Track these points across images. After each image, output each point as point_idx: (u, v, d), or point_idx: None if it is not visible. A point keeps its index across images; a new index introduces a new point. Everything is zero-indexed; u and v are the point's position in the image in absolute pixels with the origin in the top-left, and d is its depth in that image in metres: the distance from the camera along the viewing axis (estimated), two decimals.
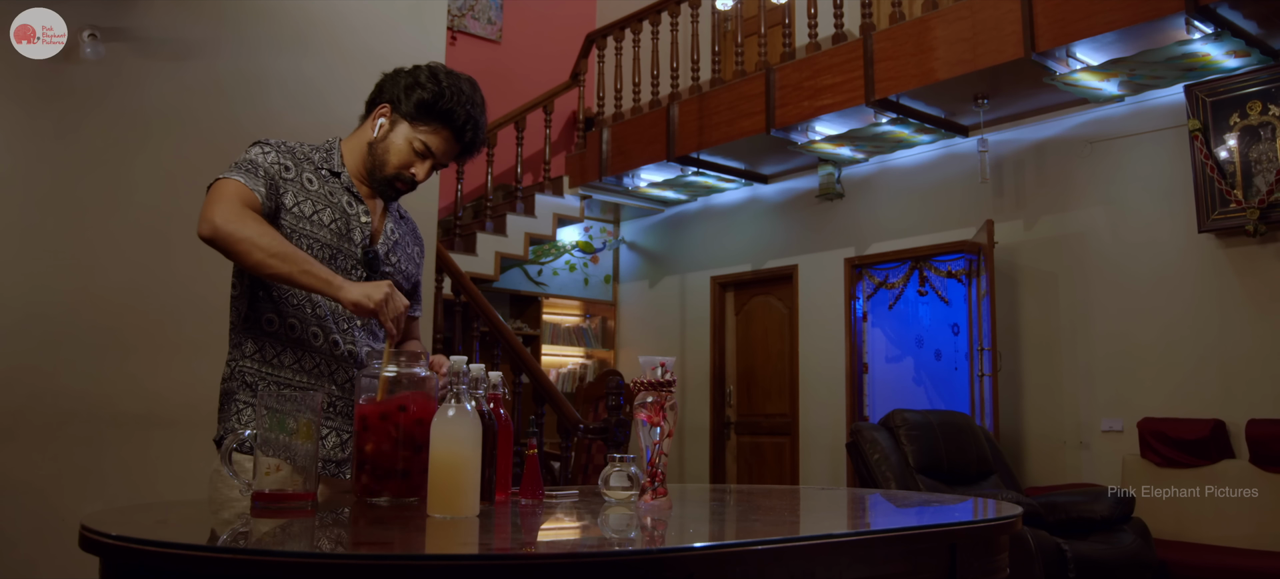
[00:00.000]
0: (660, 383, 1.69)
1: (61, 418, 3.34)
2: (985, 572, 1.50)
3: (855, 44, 5.27)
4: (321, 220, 1.73)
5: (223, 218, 1.57)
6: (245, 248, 1.56)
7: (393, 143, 1.79)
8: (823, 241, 6.39)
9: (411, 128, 1.78)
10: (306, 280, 1.58)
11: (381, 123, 1.80)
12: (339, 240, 1.74)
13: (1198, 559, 4.02)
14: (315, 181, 1.76)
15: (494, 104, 8.14)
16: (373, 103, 1.84)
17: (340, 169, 1.81)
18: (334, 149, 1.83)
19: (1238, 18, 4.14)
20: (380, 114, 1.80)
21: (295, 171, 1.74)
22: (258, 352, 1.72)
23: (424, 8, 4.39)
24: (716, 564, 1.15)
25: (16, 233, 3.37)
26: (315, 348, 1.73)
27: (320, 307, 1.73)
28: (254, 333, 1.73)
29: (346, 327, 1.76)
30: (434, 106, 1.77)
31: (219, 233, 1.56)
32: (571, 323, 7.70)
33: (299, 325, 1.72)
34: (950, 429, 4.53)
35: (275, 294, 1.72)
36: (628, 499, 1.61)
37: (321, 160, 1.80)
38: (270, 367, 1.71)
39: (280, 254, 1.57)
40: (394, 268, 1.84)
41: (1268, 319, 4.50)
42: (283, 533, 1.27)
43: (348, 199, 1.79)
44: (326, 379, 1.74)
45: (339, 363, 1.75)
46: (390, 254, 1.83)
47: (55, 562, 2.91)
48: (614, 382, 4.67)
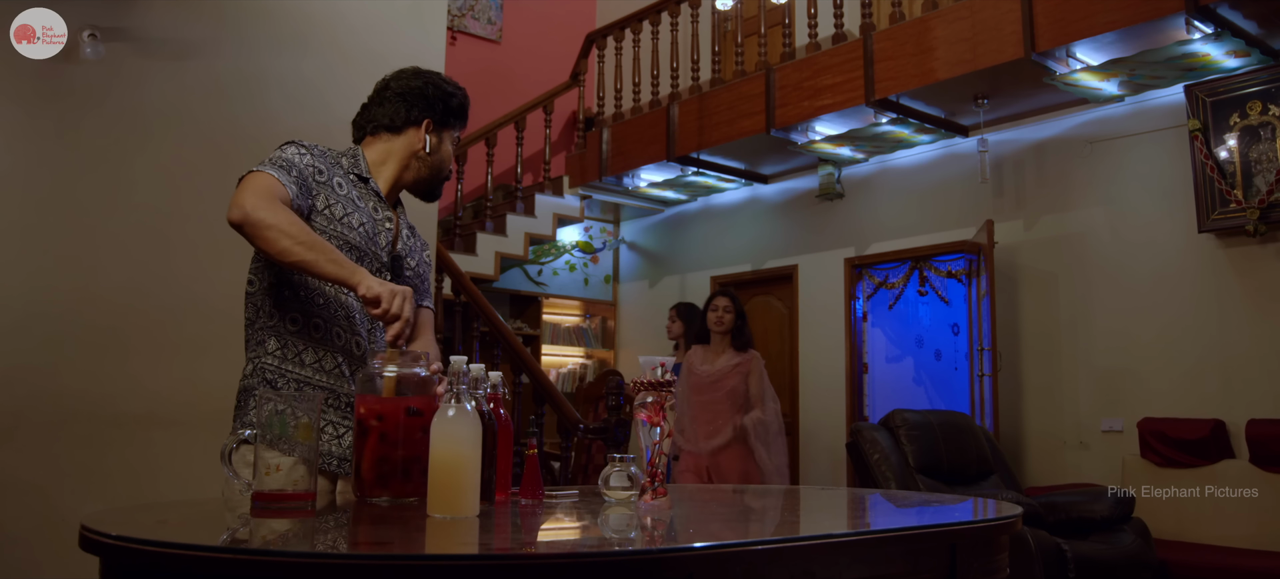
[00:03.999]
0: (660, 383, 1.69)
1: (62, 418, 3.34)
2: (985, 572, 1.50)
3: (855, 44, 5.27)
4: (351, 223, 1.79)
5: (253, 205, 1.60)
6: (273, 234, 1.59)
7: (445, 151, 1.98)
8: (823, 241, 6.39)
9: (451, 133, 1.99)
10: (330, 269, 1.62)
11: (429, 138, 1.94)
12: (367, 243, 1.80)
13: (1198, 559, 4.02)
14: (345, 186, 1.82)
15: (494, 104, 8.09)
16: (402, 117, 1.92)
17: (367, 175, 1.88)
18: (359, 156, 1.91)
19: (1238, 18, 4.14)
20: (426, 129, 1.94)
21: (328, 175, 1.79)
22: (280, 349, 1.74)
23: (424, 8, 4.39)
24: (716, 564, 1.15)
25: (17, 233, 3.37)
26: (337, 347, 1.76)
27: (347, 306, 1.77)
28: (277, 331, 1.74)
29: (372, 327, 1.81)
30: (464, 109, 2.00)
31: (248, 218, 1.59)
32: (571, 323, 7.70)
33: (323, 324, 1.75)
34: (950, 429, 4.53)
35: (302, 293, 1.74)
36: (628, 499, 1.61)
37: (350, 166, 1.87)
38: (292, 365, 1.73)
39: (306, 242, 1.60)
40: (413, 272, 1.93)
41: (1268, 319, 4.49)
42: (283, 533, 1.27)
43: (375, 204, 1.87)
44: (346, 379, 1.76)
45: (358, 363, 1.78)
46: (408, 256, 1.92)
47: (56, 561, 2.91)
48: (614, 382, 4.67)
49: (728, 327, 4.44)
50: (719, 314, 4.45)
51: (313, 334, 1.74)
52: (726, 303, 4.48)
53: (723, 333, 4.45)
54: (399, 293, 1.61)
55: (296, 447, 1.41)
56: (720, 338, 4.45)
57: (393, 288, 1.61)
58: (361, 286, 1.61)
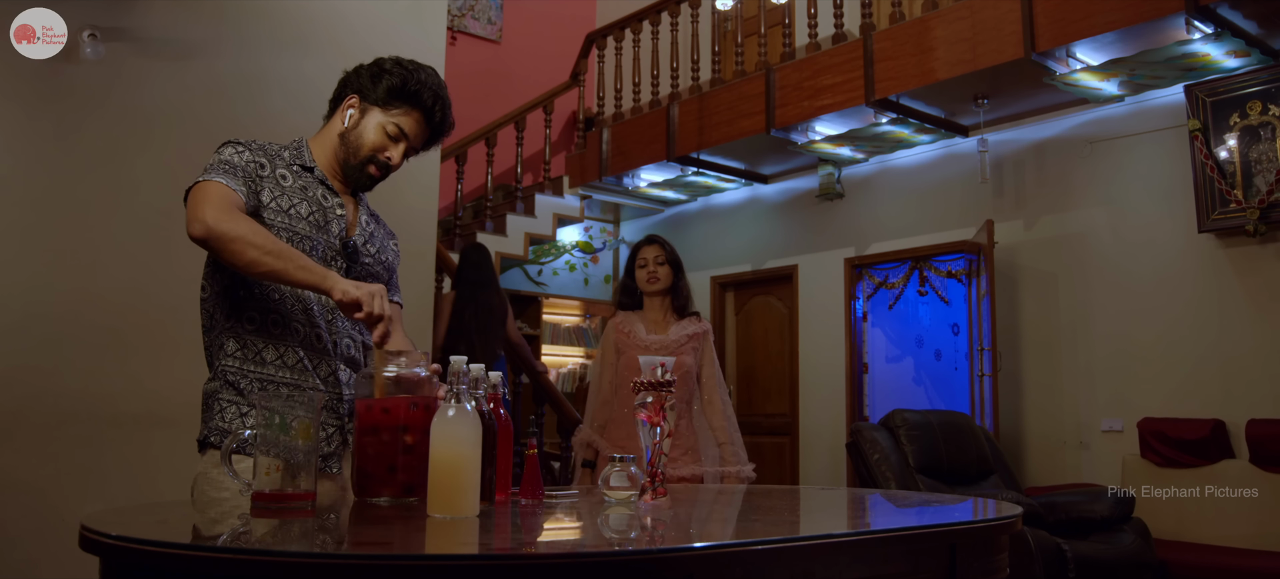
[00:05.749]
0: (660, 383, 1.69)
1: (62, 417, 3.34)
2: (985, 572, 1.50)
3: (855, 44, 5.27)
4: (299, 213, 1.76)
5: (215, 218, 1.59)
6: (239, 246, 1.58)
7: (364, 130, 1.83)
8: (823, 241, 6.39)
9: (383, 113, 1.84)
10: (301, 276, 1.60)
11: (351, 113, 1.85)
12: (316, 232, 1.77)
13: (1198, 559, 4.02)
14: (289, 177, 1.79)
15: (494, 104, 8.09)
16: (337, 99, 1.89)
17: (312, 164, 1.84)
18: (303, 146, 1.87)
19: (1238, 18, 4.14)
20: (349, 105, 1.85)
21: (269, 168, 1.77)
22: (240, 350, 1.73)
23: (424, 8, 4.39)
24: (716, 564, 1.15)
25: (17, 232, 3.37)
26: (298, 341, 1.74)
27: (304, 299, 1.74)
28: (235, 332, 1.73)
29: (332, 318, 1.78)
30: (403, 89, 1.82)
31: (212, 232, 1.58)
32: (571, 323, 7.70)
33: (281, 320, 1.73)
34: (950, 429, 4.53)
35: (257, 290, 1.72)
36: (628, 499, 1.61)
37: (292, 157, 1.83)
38: (253, 364, 1.72)
39: (274, 251, 1.59)
40: (373, 259, 1.87)
41: (1268, 319, 4.49)
42: (283, 533, 1.27)
43: (323, 192, 1.82)
44: (310, 373, 1.74)
45: (321, 357, 1.76)
46: (367, 244, 1.87)
47: (56, 561, 2.91)
48: None
49: (664, 283, 3.32)
50: (650, 269, 3.32)
51: (271, 331, 1.73)
52: (657, 252, 3.35)
53: (658, 292, 3.33)
54: (376, 292, 1.60)
55: (295, 447, 1.41)
56: (656, 301, 3.35)
57: (369, 287, 1.60)
58: (336, 291, 1.59)
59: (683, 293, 3.35)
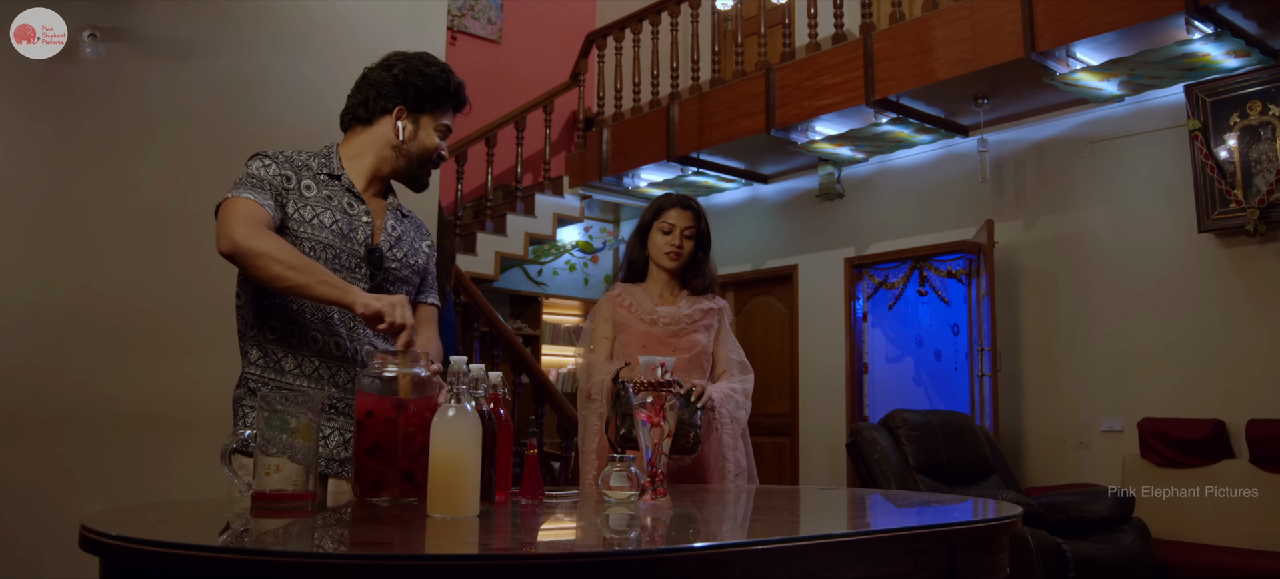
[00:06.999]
0: (660, 383, 1.69)
1: (64, 417, 3.34)
2: (985, 572, 1.50)
3: (855, 44, 5.27)
4: (323, 222, 1.78)
5: (241, 234, 1.64)
6: (263, 262, 1.63)
7: (422, 137, 1.91)
8: (823, 241, 6.39)
9: (433, 118, 1.91)
10: (323, 291, 1.64)
11: (404, 126, 1.89)
12: (341, 241, 1.79)
13: (1198, 559, 4.02)
14: (314, 187, 1.81)
15: (494, 104, 8.08)
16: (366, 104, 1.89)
17: (340, 172, 1.86)
18: (332, 153, 1.89)
19: (1238, 18, 4.14)
20: (397, 117, 1.89)
21: (296, 180, 1.79)
22: (261, 358, 1.77)
23: (424, 8, 4.39)
24: (716, 564, 1.15)
25: (17, 232, 3.37)
26: (315, 351, 1.77)
27: (326, 311, 1.77)
28: (258, 340, 1.78)
29: (353, 326, 1.80)
30: (446, 90, 1.91)
31: (238, 248, 1.63)
32: (571, 323, 7.70)
33: (299, 330, 1.76)
34: (950, 429, 4.53)
35: (278, 300, 1.76)
36: (628, 499, 1.61)
37: (320, 166, 1.85)
38: (272, 372, 1.75)
39: (297, 266, 1.63)
40: (400, 263, 1.88)
41: (1268, 319, 4.50)
42: (283, 533, 1.28)
43: (349, 200, 1.84)
44: (327, 382, 1.77)
45: (341, 364, 1.78)
46: (393, 249, 1.88)
47: (56, 561, 2.91)
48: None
49: (687, 257, 2.65)
50: (676, 240, 2.60)
51: (291, 340, 1.76)
52: (688, 222, 2.63)
53: (676, 267, 2.65)
54: (397, 302, 1.63)
55: (296, 447, 1.41)
56: (665, 276, 2.67)
57: (390, 299, 1.63)
58: (357, 305, 1.62)
59: (707, 275, 2.70)
